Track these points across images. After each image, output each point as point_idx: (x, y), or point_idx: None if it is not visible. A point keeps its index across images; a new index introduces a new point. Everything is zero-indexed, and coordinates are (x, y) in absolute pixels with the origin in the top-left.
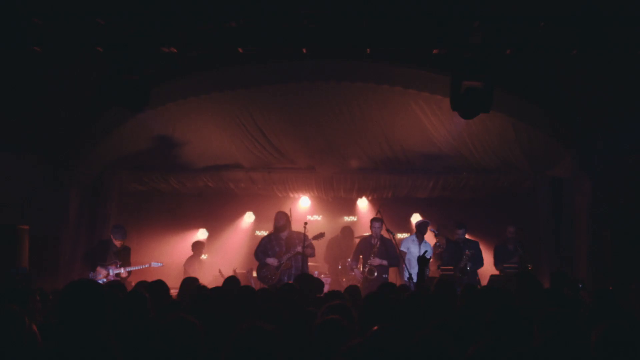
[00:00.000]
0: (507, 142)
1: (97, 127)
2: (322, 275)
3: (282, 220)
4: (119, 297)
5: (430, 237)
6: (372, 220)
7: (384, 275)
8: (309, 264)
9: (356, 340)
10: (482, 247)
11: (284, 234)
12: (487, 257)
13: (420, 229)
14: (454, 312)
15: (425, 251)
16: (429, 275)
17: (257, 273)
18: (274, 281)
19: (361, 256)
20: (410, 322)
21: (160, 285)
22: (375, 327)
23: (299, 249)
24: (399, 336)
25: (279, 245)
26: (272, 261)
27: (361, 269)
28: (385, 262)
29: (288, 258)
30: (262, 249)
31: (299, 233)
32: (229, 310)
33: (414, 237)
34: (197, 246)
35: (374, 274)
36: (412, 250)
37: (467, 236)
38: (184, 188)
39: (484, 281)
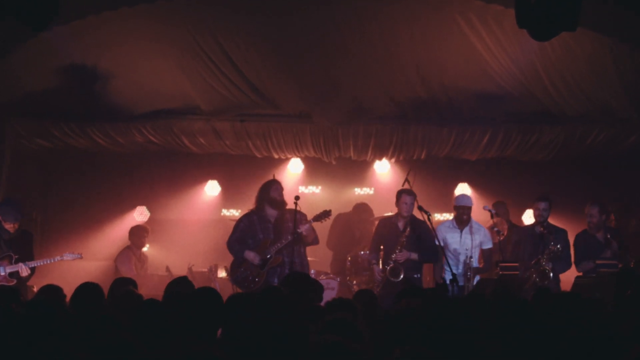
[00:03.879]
0: (603, 76)
1: None
2: (323, 276)
3: (275, 193)
4: (12, 310)
5: (481, 219)
6: (401, 194)
7: (415, 276)
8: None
9: None
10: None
11: (274, 214)
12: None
13: (462, 210)
14: (520, 330)
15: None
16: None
17: (232, 274)
18: (257, 285)
19: (382, 247)
20: (451, 345)
21: (90, 291)
22: (397, 350)
23: (297, 234)
24: None
25: (265, 231)
26: (253, 257)
27: (381, 266)
28: (415, 256)
29: (278, 250)
30: (240, 237)
31: (294, 212)
32: (176, 326)
33: (451, 222)
34: (135, 233)
35: (399, 275)
36: (449, 241)
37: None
38: (114, 145)
39: (566, 285)
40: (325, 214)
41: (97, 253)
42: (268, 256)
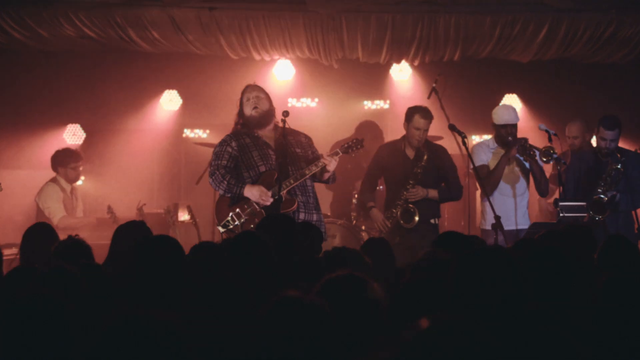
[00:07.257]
0: None
1: None
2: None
3: (247, 107)
4: None
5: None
6: (414, 113)
7: (432, 221)
8: None
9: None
10: None
11: (273, 135)
12: None
13: (506, 130)
14: (589, 290)
15: None
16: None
17: (219, 216)
18: None
19: (382, 180)
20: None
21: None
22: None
23: (318, 158)
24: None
25: (266, 159)
26: (259, 195)
27: (389, 209)
28: (435, 194)
29: (291, 188)
30: (229, 165)
31: (300, 135)
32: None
33: (492, 142)
34: (64, 160)
35: (412, 219)
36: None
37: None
38: (35, 41)
39: None
40: (356, 145)
41: (12, 187)
42: (276, 197)
